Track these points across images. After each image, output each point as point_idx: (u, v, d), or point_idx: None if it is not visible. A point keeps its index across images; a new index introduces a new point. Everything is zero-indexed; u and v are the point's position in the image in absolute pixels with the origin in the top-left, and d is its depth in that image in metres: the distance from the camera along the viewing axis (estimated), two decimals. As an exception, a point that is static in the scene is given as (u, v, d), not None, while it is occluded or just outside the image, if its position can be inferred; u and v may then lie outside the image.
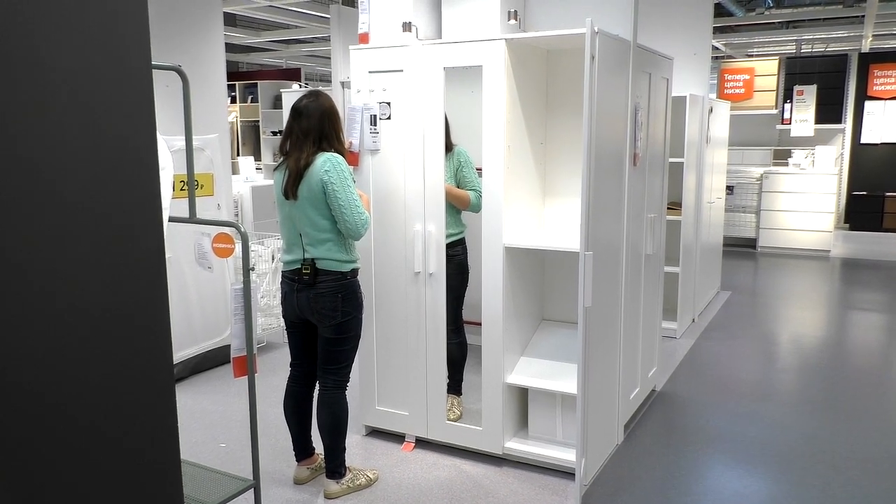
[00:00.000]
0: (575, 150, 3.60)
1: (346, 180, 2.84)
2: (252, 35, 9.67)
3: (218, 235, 2.34)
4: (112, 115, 1.42)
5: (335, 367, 3.06)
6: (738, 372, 4.80)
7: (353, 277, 3.00)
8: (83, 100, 1.34)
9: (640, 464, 3.49)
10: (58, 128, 1.29)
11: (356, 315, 3.03)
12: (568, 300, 3.74)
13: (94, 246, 1.37)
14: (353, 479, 3.18)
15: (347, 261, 2.98)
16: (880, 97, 10.87)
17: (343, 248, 2.97)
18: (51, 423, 1.29)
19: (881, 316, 6.23)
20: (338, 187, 2.82)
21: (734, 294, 7.02)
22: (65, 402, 1.31)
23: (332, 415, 3.07)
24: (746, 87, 10.03)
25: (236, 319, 2.24)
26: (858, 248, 9.59)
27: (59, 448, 1.31)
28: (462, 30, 3.45)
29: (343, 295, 2.94)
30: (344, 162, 2.89)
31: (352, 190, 2.86)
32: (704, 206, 6.01)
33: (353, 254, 3.02)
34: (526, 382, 3.40)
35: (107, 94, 1.40)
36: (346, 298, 2.96)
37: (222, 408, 4.20)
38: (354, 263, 3.02)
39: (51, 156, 1.28)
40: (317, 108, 2.92)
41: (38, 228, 1.26)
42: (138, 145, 1.52)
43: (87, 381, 1.36)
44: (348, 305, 2.98)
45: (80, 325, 1.34)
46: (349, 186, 2.85)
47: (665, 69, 3.97)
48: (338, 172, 2.83)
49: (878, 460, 3.51)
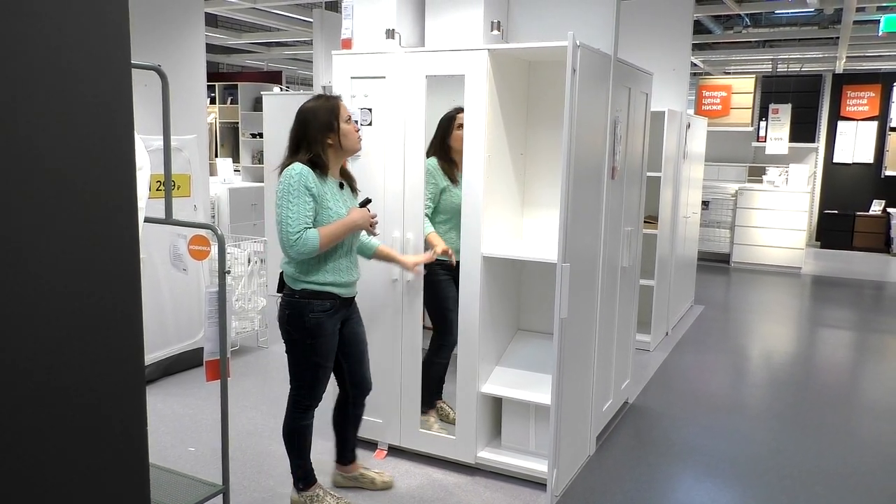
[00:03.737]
0: (554, 162, 3.63)
1: (286, 194, 2.63)
2: (233, 36, 9.62)
3: (194, 237, 2.32)
4: (90, 113, 1.40)
5: (291, 381, 2.95)
6: (710, 386, 4.85)
7: (303, 298, 2.76)
8: (61, 97, 1.33)
9: (612, 476, 3.51)
10: (34, 125, 1.27)
11: (301, 339, 2.80)
12: (544, 311, 3.75)
13: (67, 244, 1.35)
14: (315, 498, 3.02)
15: (300, 279, 2.77)
16: (853, 118, 11.09)
17: (297, 264, 2.78)
18: (15, 422, 1.26)
19: (849, 333, 6.33)
20: (277, 200, 2.67)
21: (707, 308, 7.09)
22: (31, 401, 1.29)
23: (283, 427, 3.02)
24: (723, 103, 10.18)
25: (210, 323, 2.22)
26: (829, 266, 9.76)
27: (23, 448, 1.28)
28: (445, 39, 3.46)
29: (288, 314, 2.79)
30: (299, 173, 2.65)
31: (287, 204, 2.62)
32: (680, 221, 6.08)
33: (313, 274, 2.76)
34: (500, 392, 3.41)
35: (85, 92, 1.38)
36: (290, 318, 2.79)
37: (192, 411, 4.15)
38: (309, 285, 2.76)
39: (26, 153, 1.26)
40: (298, 114, 2.81)
41: (11, 226, 1.23)
42: (116, 144, 1.50)
43: (56, 380, 1.33)
44: (292, 326, 2.79)
45: (52, 325, 1.32)
46: (286, 200, 2.63)
47: (644, 84, 4.01)
48: (283, 185, 2.66)
49: (844, 475, 3.56)
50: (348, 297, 2.93)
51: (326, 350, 2.86)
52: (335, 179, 2.84)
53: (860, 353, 5.70)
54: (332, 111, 2.77)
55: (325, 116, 2.75)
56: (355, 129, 2.84)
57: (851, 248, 11.04)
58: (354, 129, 2.83)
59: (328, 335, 2.84)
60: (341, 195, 2.84)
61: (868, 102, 10.96)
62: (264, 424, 4.00)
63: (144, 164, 1.96)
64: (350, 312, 3.00)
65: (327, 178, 2.78)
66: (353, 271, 2.92)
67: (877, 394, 4.75)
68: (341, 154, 2.84)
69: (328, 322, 2.82)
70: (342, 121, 2.78)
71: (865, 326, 6.56)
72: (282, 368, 4.95)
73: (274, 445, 3.74)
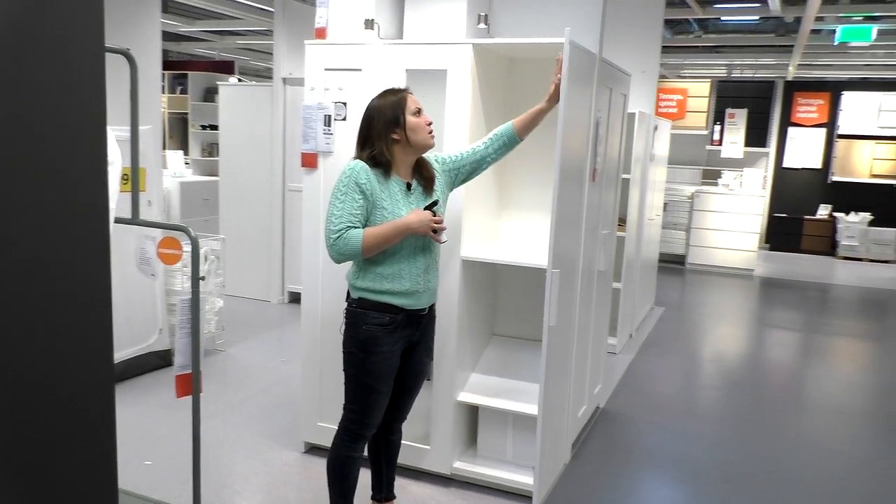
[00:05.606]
0: (533, 163, 3.52)
1: (336, 191, 2.45)
2: (185, 23, 9.25)
3: (164, 240, 2.12)
4: (58, 101, 1.22)
5: (345, 404, 2.66)
6: (677, 389, 4.83)
7: (360, 308, 2.53)
8: (24, 83, 1.14)
9: (589, 485, 3.42)
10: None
11: (353, 351, 2.56)
12: (519, 315, 3.65)
13: (35, 243, 1.17)
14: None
15: (356, 285, 2.55)
16: (802, 124, 11.36)
17: (359, 269, 2.55)
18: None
19: (805, 335, 6.44)
20: (331, 195, 2.48)
21: (668, 310, 7.12)
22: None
23: (329, 455, 2.72)
24: (679, 107, 10.29)
25: (182, 333, 2.03)
26: (779, 268, 9.96)
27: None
28: (424, 32, 3.32)
29: (346, 323, 2.58)
30: (352, 168, 2.45)
31: (335, 201, 2.43)
32: (646, 223, 6.07)
33: (368, 279, 2.52)
34: (477, 400, 3.28)
35: (52, 77, 1.20)
36: (347, 328, 2.58)
37: (147, 421, 3.90)
38: (365, 293, 2.52)
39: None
40: (365, 111, 2.58)
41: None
42: (86, 136, 1.33)
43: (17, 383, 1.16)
44: (347, 337, 2.58)
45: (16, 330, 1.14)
46: (335, 197, 2.45)
47: (624, 85, 3.94)
48: (339, 179, 2.46)
49: (814, 483, 3.56)
50: (414, 312, 2.59)
51: (380, 371, 2.56)
52: (403, 179, 2.55)
53: (817, 356, 5.78)
54: (398, 104, 2.52)
55: (390, 110, 2.50)
56: (426, 121, 2.53)
57: (799, 250, 11.31)
58: (425, 122, 2.53)
59: (384, 354, 2.54)
60: (406, 197, 2.54)
61: (817, 110, 11.24)
62: (226, 435, 3.79)
63: (116, 157, 1.77)
64: (420, 335, 2.67)
65: (391, 176, 2.52)
66: (421, 279, 2.57)
67: (836, 396, 4.81)
68: (410, 150, 2.54)
69: (386, 338, 2.53)
70: (409, 114, 2.52)
71: (817, 328, 6.68)
72: (241, 372, 4.73)
73: (238, 457, 3.54)
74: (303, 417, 3.56)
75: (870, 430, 4.28)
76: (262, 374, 4.72)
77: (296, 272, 6.49)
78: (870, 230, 10.68)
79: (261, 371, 4.79)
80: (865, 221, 10.71)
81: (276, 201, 6.43)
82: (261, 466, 3.47)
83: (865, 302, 8.05)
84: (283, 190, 6.41)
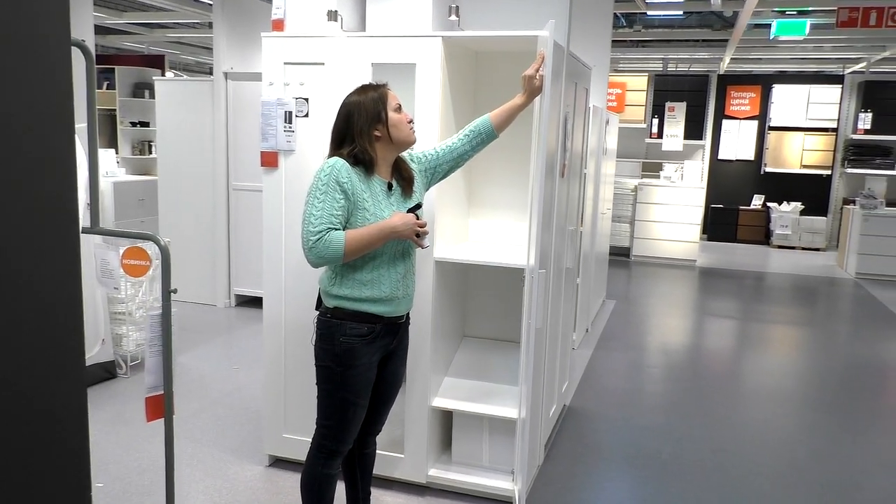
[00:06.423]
0: (502, 160, 3.43)
1: (314, 189, 2.29)
2: (113, 15, 8.80)
3: (129, 250, 1.93)
4: (22, 101, 1.07)
5: (317, 419, 2.52)
6: (640, 383, 4.84)
7: (335, 318, 2.38)
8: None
9: (565, 486, 3.37)
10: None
11: (329, 365, 2.40)
12: (490, 316, 3.56)
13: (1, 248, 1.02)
14: None
15: (332, 292, 2.39)
16: (735, 116, 11.67)
17: (336, 274, 2.39)
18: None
19: (753, 325, 6.59)
20: (306, 197, 2.34)
21: (619, 303, 7.18)
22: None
23: (302, 475, 2.57)
24: (619, 100, 10.39)
25: (153, 352, 1.85)
26: (719, 258, 10.20)
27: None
28: (388, 24, 3.18)
29: (319, 335, 2.41)
30: (332, 166, 2.30)
31: (313, 200, 2.28)
32: (599, 217, 6.08)
33: (346, 286, 2.37)
34: (452, 405, 3.18)
35: (18, 73, 1.05)
36: (320, 340, 2.42)
37: (93, 439, 3.65)
38: (342, 302, 2.37)
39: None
40: (341, 107, 2.43)
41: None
42: (53, 138, 1.17)
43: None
44: (321, 348, 2.42)
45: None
46: (312, 196, 2.29)
47: (586, 79, 3.90)
48: (313, 180, 2.33)
49: (781, 473, 3.60)
50: (393, 319, 2.47)
51: (358, 384, 2.42)
52: (384, 179, 2.43)
53: (762, 344, 5.92)
54: (379, 99, 2.39)
55: (371, 106, 2.37)
56: (407, 118, 2.44)
57: (735, 240, 11.63)
58: (406, 119, 2.42)
59: (362, 366, 2.41)
60: (388, 197, 2.41)
61: (749, 102, 11.56)
62: (181, 450, 3.57)
63: (82, 160, 1.57)
64: (396, 344, 2.54)
65: (373, 176, 2.38)
66: (400, 285, 2.45)
67: (783, 383, 4.91)
68: (392, 148, 2.42)
69: (364, 350, 2.40)
70: (391, 110, 2.40)
71: (758, 317, 6.85)
72: (192, 382, 4.50)
73: (197, 474, 3.34)
74: (266, 429, 3.39)
75: (825, 417, 4.39)
76: (215, 384, 4.50)
77: (244, 274, 6.24)
78: (801, 219, 11.06)
79: (213, 380, 4.56)
80: (797, 211, 11.09)
81: (221, 201, 6.16)
82: (223, 483, 3.28)
83: (799, 289, 8.31)
84: (228, 189, 6.15)
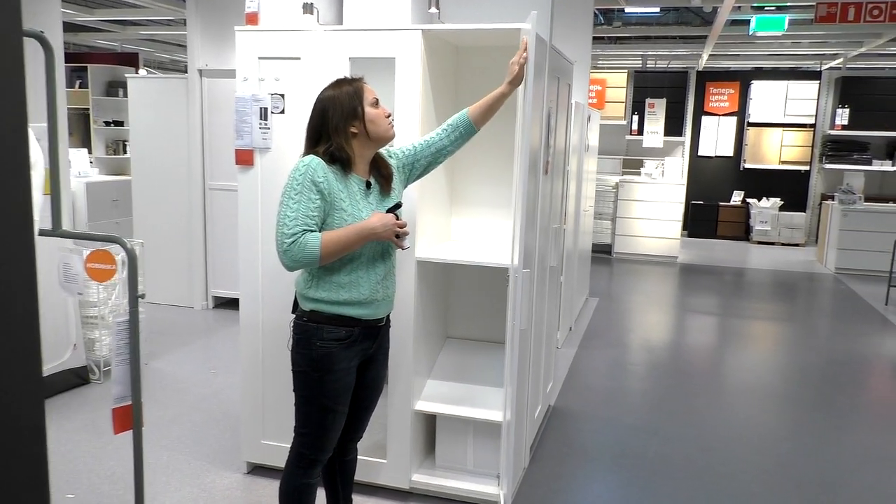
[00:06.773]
0: (485, 157, 3.36)
1: (289, 189, 2.20)
2: (84, 12, 8.60)
3: (93, 253, 1.82)
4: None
5: (295, 427, 2.43)
6: (624, 382, 4.80)
7: (312, 322, 2.29)
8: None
9: (551, 488, 3.31)
10: None
11: (306, 371, 2.32)
12: (473, 316, 3.48)
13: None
14: None
15: (308, 295, 2.30)
16: (714, 113, 11.70)
17: (312, 277, 2.30)
18: None
19: (735, 321, 6.58)
20: (280, 198, 2.25)
21: (602, 301, 7.14)
22: None
23: (280, 485, 2.48)
24: (599, 97, 10.34)
25: (119, 360, 1.75)
26: (700, 255, 10.22)
27: None
28: (366, 17, 3.09)
29: (295, 339, 2.32)
30: (307, 164, 2.21)
31: (288, 201, 2.19)
32: (582, 214, 6.03)
33: (323, 288, 2.28)
34: (436, 409, 3.10)
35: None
36: (297, 345, 2.32)
37: (64, 448, 3.53)
38: (319, 305, 2.28)
39: None
40: (315, 103, 2.33)
41: None
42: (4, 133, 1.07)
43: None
44: (298, 354, 2.33)
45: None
46: (287, 196, 2.20)
47: (568, 75, 3.83)
48: (288, 180, 2.24)
49: (770, 471, 3.57)
50: (372, 323, 2.38)
51: (336, 390, 2.33)
52: (362, 178, 2.34)
53: (744, 340, 5.91)
54: (355, 94, 2.29)
55: (347, 101, 2.27)
56: (385, 113, 2.34)
57: (715, 236, 11.66)
58: (384, 114, 2.32)
59: (340, 371, 2.32)
60: (366, 197, 2.33)
61: (728, 99, 11.59)
62: (156, 458, 3.46)
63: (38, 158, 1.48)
64: (376, 349, 2.46)
65: (350, 174, 2.29)
66: (379, 287, 2.36)
67: (765, 379, 4.90)
68: (370, 145, 2.33)
69: (342, 354, 2.31)
70: (368, 104, 2.30)
71: (739, 313, 6.85)
72: (168, 387, 4.38)
73: (173, 482, 3.23)
74: (244, 436, 3.29)
75: (808, 413, 4.37)
76: (192, 388, 4.38)
77: (221, 276, 6.11)
78: (781, 215, 11.11)
79: (190, 385, 4.44)
80: (776, 207, 11.14)
81: (197, 201, 6.02)
82: (199, 492, 3.17)
83: (780, 285, 8.34)
84: (204, 189, 6.01)
